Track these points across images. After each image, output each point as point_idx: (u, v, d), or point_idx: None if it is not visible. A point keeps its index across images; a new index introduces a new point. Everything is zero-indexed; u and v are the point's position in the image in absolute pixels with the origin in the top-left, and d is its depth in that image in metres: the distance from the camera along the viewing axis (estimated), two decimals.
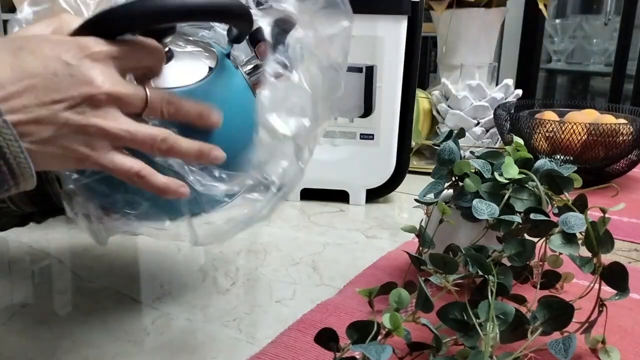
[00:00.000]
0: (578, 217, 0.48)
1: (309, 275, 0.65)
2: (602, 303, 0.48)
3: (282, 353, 0.48)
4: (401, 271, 0.63)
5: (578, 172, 0.55)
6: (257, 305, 0.59)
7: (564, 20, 3.20)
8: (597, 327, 0.48)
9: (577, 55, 3.26)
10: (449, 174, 0.57)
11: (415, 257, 0.54)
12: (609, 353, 0.47)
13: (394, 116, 0.86)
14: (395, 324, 0.41)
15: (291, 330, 0.52)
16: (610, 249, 0.47)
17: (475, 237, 0.52)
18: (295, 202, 0.90)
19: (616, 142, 0.90)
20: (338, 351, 0.41)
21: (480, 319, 0.43)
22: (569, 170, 0.54)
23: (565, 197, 0.53)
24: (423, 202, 0.58)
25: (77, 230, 0.77)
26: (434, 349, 0.43)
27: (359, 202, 0.90)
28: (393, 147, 0.88)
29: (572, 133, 0.90)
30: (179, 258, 0.69)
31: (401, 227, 0.59)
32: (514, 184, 0.54)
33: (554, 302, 0.45)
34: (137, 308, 0.58)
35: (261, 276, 0.65)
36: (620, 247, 0.74)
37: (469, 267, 0.47)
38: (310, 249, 0.72)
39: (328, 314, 0.54)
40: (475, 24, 1.15)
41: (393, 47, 0.83)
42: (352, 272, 0.64)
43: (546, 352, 0.44)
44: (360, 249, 0.73)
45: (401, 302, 0.44)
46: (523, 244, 0.48)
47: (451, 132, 0.60)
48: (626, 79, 2.87)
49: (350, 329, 0.42)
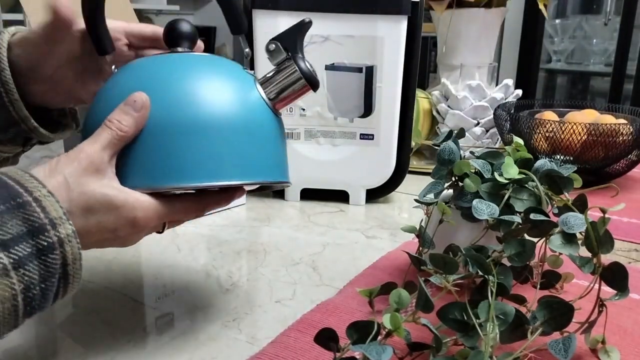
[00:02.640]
0: (578, 217, 0.48)
1: (309, 275, 0.65)
2: (602, 303, 0.48)
3: (282, 353, 0.48)
4: (401, 271, 0.63)
5: (578, 172, 0.55)
6: (257, 305, 0.59)
7: (564, 20, 3.21)
8: (597, 327, 0.48)
9: (577, 55, 3.26)
10: (449, 174, 0.57)
11: (415, 257, 0.54)
12: (608, 353, 0.47)
13: (394, 116, 0.86)
14: (395, 324, 0.41)
15: (291, 330, 0.52)
16: (610, 249, 0.47)
17: (475, 237, 0.52)
18: (295, 202, 0.90)
19: (616, 142, 0.90)
20: (338, 351, 0.41)
21: (480, 319, 0.43)
22: (569, 170, 0.54)
23: (565, 197, 0.53)
24: (423, 202, 0.58)
25: None
26: (434, 349, 0.43)
27: (359, 202, 0.90)
28: (393, 147, 0.88)
29: (572, 133, 0.90)
30: (179, 258, 0.69)
31: (401, 227, 0.59)
32: (514, 184, 0.54)
33: (554, 302, 0.45)
34: (137, 308, 0.58)
35: (261, 276, 0.65)
36: (620, 247, 0.74)
37: (469, 267, 0.47)
38: (310, 249, 0.72)
39: (328, 314, 0.54)
40: (475, 24, 1.15)
41: (393, 47, 0.83)
42: (352, 272, 0.64)
43: (546, 352, 0.44)
44: (360, 249, 0.73)
45: (401, 302, 0.44)
46: (523, 244, 0.48)
47: (451, 132, 0.60)
48: (626, 79, 2.88)
49: (350, 329, 0.42)
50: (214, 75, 0.47)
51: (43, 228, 0.36)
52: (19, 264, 0.34)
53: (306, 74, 0.48)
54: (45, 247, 0.36)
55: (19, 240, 0.35)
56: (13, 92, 0.48)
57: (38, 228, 0.35)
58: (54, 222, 0.36)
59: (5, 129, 0.50)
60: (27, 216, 0.35)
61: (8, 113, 0.49)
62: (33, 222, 0.35)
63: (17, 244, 0.34)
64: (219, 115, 0.45)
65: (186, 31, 0.50)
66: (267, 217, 0.84)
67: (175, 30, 0.50)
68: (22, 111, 0.49)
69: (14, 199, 0.35)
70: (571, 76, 3.40)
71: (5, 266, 0.34)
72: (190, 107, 0.44)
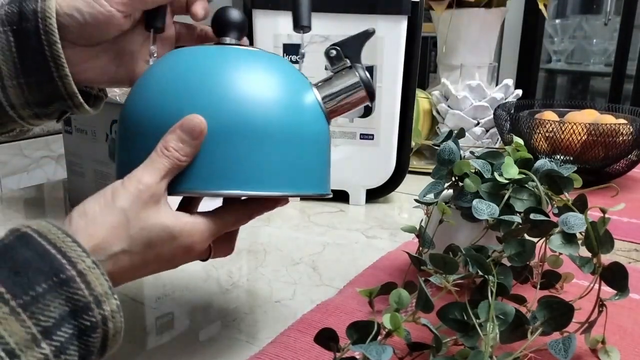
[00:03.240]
0: (578, 217, 0.48)
1: (309, 275, 0.65)
2: (602, 303, 0.48)
3: (282, 353, 0.48)
4: (401, 271, 0.63)
5: (578, 172, 0.55)
6: (257, 305, 0.59)
7: (564, 20, 3.20)
8: (597, 327, 0.48)
9: (577, 55, 3.26)
10: (449, 174, 0.57)
11: (415, 257, 0.54)
12: (608, 353, 0.47)
13: (394, 116, 0.86)
14: (395, 324, 0.41)
15: (291, 330, 0.52)
16: (610, 249, 0.47)
17: (475, 237, 0.52)
18: (295, 202, 0.90)
19: (616, 142, 0.90)
20: (338, 351, 0.41)
21: (480, 319, 0.43)
22: (569, 170, 0.54)
23: (565, 197, 0.53)
24: (423, 202, 0.58)
25: None
26: (434, 349, 0.43)
27: (359, 202, 0.90)
28: (393, 147, 0.88)
29: (572, 133, 0.90)
30: None
31: (401, 227, 0.59)
32: (514, 184, 0.54)
33: (554, 302, 0.45)
34: (138, 308, 0.58)
35: (261, 276, 0.65)
36: (620, 247, 0.74)
37: (469, 267, 0.47)
38: (310, 249, 0.72)
39: (328, 314, 0.54)
40: (475, 24, 1.15)
41: (393, 47, 0.83)
42: (352, 272, 0.64)
43: (546, 352, 0.44)
44: (360, 249, 0.73)
45: (401, 303, 0.44)
46: (523, 244, 0.48)
47: (451, 132, 0.60)
48: (626, 79, 2.87)
49: (350, 329, 0.42)
50: (272, 78, 0.44)
51: (87, 307, 0.33)
52: (60, 351, 0.32)
53: (366, 84, 0.46)
54: (87, 327, 0.33)
55: (62, 323, 0.32)
56: (64, 66, 0.45)
57: (82, 307, 0.33)
58: (99, 300, 0.33)
59: (48, 104, 0.47)
60: (71, 295, 0.32)
61: (56, 88, 0.45)
62: (77, 301, 0.33)
63: (59, 329, 0.32)
64: (280, 122, 0.42)
65: (236, 20, 0.46)
66: (267, 217, 0.84)
67: (225, 19, 0.46)
68: (72, 87, 0.46)
69: (57, 275, 0.32)
70: (571, 76, 3.40)
71: (47, 356, 0.31)
72: (251, 113, 0.42)
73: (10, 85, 0.44)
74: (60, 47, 0.44)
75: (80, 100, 0.47)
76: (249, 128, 0.41)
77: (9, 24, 0.43)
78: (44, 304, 0.31)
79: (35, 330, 0.31)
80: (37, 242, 0.33)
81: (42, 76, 0.45)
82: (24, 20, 0.43)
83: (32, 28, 0.43)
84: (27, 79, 0.45)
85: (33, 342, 0.30)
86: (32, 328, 0.31)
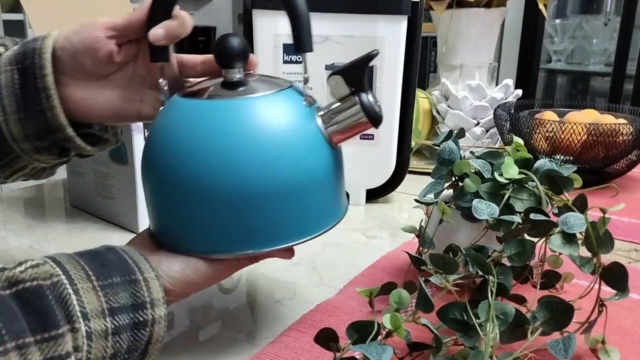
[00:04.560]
0: (578, 217, 0.48)
1: (308, 275, 0.65)
2: (602, 303, 0.48)
3: (282, 353, 0.48)
4: (401, 271, 0.63)
5: (578, 172, 0.55)
6: (257, 305, 0.58)
7: (564, 20, 3.21)
8: (597, 327, 0.48)
9: (577, 55, 3.27)
10: (449, 174, 0.57)
11: (415, 257, 0.54)
12: (608, 353, 0.47)
13: (394, 116, 0.86)
14: (395, 325, 0.41)
15: (291, 330, 0.52)
16: (610, 249, 0.47)
17: (475, 237, 0.52)
18: None
19: (616, 142, 0.90)
20: (338, 351, 0.41)
21: (480, 319, 0.43)
22: (569, 170, 0.54)
23: (565, 197, 0.53)
24: (423, 202, 0.58)
25: (77, 230, 0.77)
26: (434, 349, 0.43)
27: (359, 202, 0.90)
28: (393, 147, 0.87)
29: (572, 133, 0.90)
30: None
31: (401, 227, 0.59)
32: (514, 184, 0.54)
33: (554, 302, 0.45)
34: None
35: (261, 276, 0.65)
36: (620, 247, 0.74)
37: (469, 267, 0.47)
38: (310, 249, 0.72)
39: (328, 314, 0.54)
40: (475, 24, 1.15)
41: (393, 47, 0.83)
42: (352, 272, 0.64)
43: (546, 352, 0.44)
44: (360, 249, 0.73)
45: (401, 303, 0.44)
46: (523, 244, 0.48)
47: (451, 132, 0.60)
48: (626, 79, 2.88)
49: (350, 329, 0.42)
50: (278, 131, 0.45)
51: (144, 305, 0.40)
52: (117, 331, 0.39)
53: (369, 112, 0.46)
54: (140, 322, 0.40)
55: (124, 310, 0.39)
56: (52, 97, 0.47)
57: (140, 304, 0.40)
58: (154, 303, 0.41)
59: (42, 137, 0.48)
60: (135, 292, 0.40)
61: (45, 120, 0.47)
62: (138, 297, 0.40)
63: (121, 313, 0.39)
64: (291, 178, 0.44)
65: (237, 48, 0.47)
66: None
67: (226, 49, 0.47)
68: (58, 118, 0.47)
69: (129, 275, 0.41)
70: (571, 76, 3.40)
71: (107, 330, 0.38)
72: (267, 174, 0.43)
73: (12, 119, 0.47)
74: (51, 79, 0.47)
75: (70, 134, 0.49)
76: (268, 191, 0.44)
77: (15, 63, 0.47)
78: (116, 291, 0.39)
79: (105, 307, 0.38)
80: (120, 253, 0.43)
81: (35, 108, 0.47)
82: (27, 58, 0.47)
83: (31, 64, 0.47)
84: (26, 112, 0.48)
85: (101, 314, 0.38)
86: (103, 304, 0.38)
